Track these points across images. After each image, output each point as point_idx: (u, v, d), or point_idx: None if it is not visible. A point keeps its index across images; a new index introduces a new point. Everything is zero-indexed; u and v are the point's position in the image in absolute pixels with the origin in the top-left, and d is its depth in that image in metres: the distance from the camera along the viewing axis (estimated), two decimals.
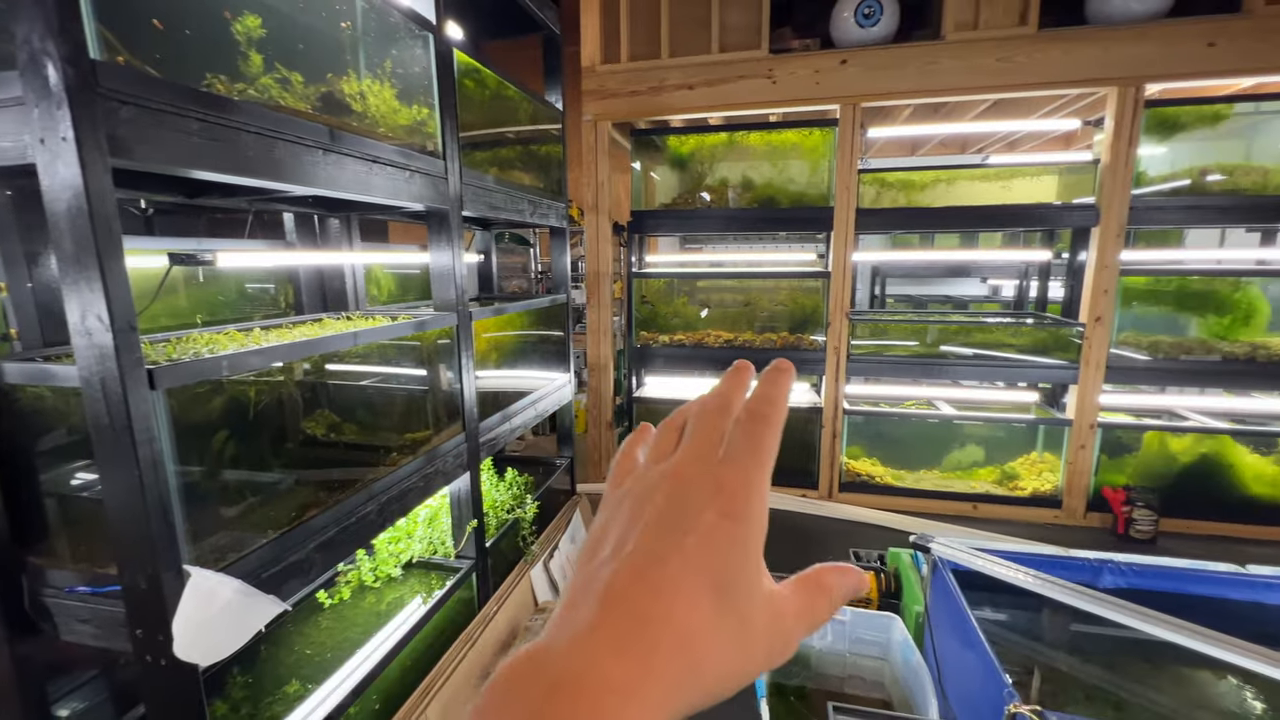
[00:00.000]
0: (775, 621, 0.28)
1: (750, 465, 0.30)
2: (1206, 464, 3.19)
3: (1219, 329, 3.19)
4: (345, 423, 1.43)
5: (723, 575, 0.27)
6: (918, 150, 5.66)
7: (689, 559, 0.27)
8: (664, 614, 0.25)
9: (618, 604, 0.26)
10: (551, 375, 2.71)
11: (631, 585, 0.26)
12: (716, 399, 0.34)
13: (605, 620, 0.25)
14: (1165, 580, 1.74)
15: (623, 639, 0.25)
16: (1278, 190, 3.02)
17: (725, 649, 0.26)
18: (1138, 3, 2.85)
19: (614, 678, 0.23)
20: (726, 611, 0.26)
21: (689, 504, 0.28)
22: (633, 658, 0.24)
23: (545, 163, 2.62)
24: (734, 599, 0.27)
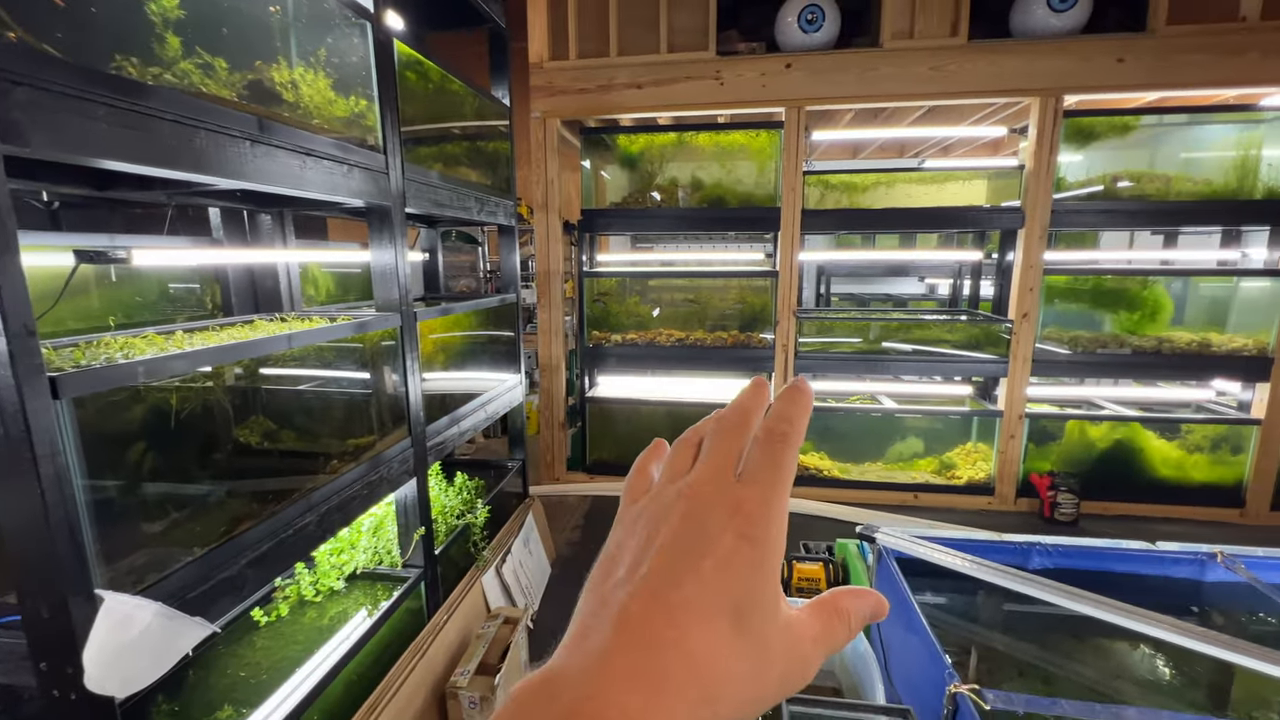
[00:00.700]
0: (793, 647, 0.27)
1: (769, 486, 0.29)
2: (1120, 449, 3.44)
3: (1129, 324, 3.45)
4: (282, 430, 1.36)
5: (740, 600, 0.26)
6: (859, 154, 5.86)
7: (706, 583, 0.26)
8: (678, 640, 0.25)
9: (632, 630, 0.25)
10: (501, 376, 2.66)
11: (646, 610, 0.26)
12: (734, 415, 0.33)
13: (619, 647, 0.25)
14: (1086, 559, 1.85)
15: (636, 667, 0.24)
16: (1178, 196, 3.28)
17: (742, 676, 0.25)
18: (1056, 19, 3.04)
19: (628, 708, 0.23)
20: (744, 637, 0.26)
21: (706, 525, 0.28)
22: (646, 687, 0.24)
23: (492, 159, 2.56)
24: (751, 624, 0.26)
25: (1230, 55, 2.93)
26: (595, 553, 1.23)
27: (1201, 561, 1.74)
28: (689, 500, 0.29)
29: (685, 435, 0.34)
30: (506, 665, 1.75)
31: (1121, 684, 1.56)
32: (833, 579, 2.38)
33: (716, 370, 3.93)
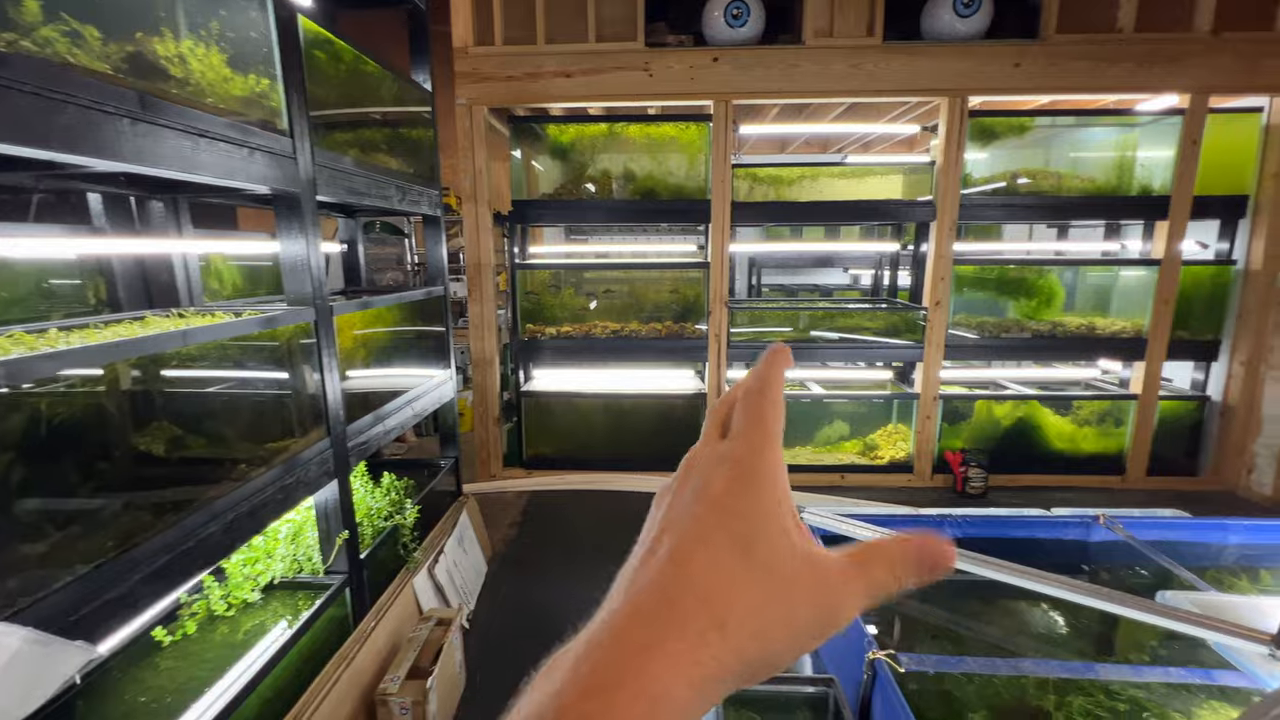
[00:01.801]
0: (820, 583, 0.26)
1: (753, 434, 0.30)
2: (1022, 426, 3.73)
3: (1028, 310, 3.74)
4: (186, 435, 1.26)
5: (740, 533, 0.26)
6: (787, 148, 6.03)
7: (702, 522, 0.27)
8: (679, 575, 0.25)
9: (638, 581, 0.26)
10: (430, 373, 2.57)
11: (648, 562, 0.27)
12: (730, 389, 0.34)
13: (626, 596, 0.26)
14: (991, 528, 2.00)
15: (642, 607, 0.25)
16: (1068, 192, 3.58)
17: (754, 603, 0.25)
18: (961, 24, 3.23)
19: (634, 640, 0.24)
20: (751, 567, 0.25)
21: (700, 482, 0.29)
22: (653, 620, 0.24)
23: (414, 147, 2.46)
24: (758, 554, 0.26)
25: (1109, 63, 3.22)
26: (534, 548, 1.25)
27: (1087, 524, 1.91)
28: (685, 469, 0.31)
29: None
30: (439, 667, 1.70)
31: (1022, 639, 1.70)
32: None
33: (652, 361, 3.96)
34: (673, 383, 4.01)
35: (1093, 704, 1.20)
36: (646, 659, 0.23)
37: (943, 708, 1.24)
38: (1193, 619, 1.28)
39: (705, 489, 0.28)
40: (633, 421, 3.88)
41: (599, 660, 0.24)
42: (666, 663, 0.23)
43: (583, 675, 0.23)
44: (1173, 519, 1.93)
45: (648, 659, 0.23)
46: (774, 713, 1.36)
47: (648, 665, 0.23)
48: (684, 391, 3.85)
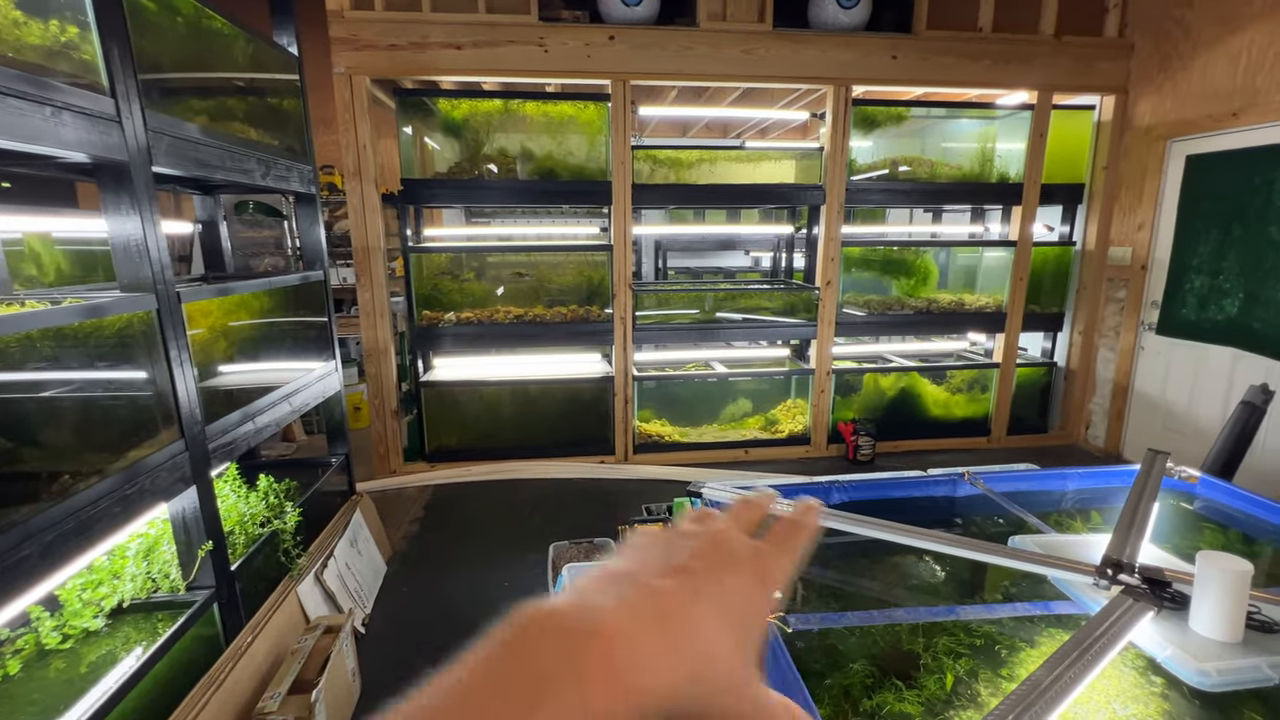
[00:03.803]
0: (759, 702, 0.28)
1: (783, 559, 0.32)
2: (905, 396, 4.04)
3: (908, 289, 4.04)
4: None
5: (744, 625, 0.28)
6: (688, 132, 6.11)
7: (726, 594, 0.28)
8: (696, 623, 0.26)
9: (658, 597, 0.26)
10: (310, 365, 2.37)
11: (674, 589, 0.27)
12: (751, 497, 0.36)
13: (644, 602, 0.26)
14: (875, 490, 2.14)
15: (658, 622, 0.25)
16: (941, 179, 3.88)
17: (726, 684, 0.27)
18: (844, 15, 3.39)
19: (643, 646, 0.24)
20: (740, 650, 0.27)
21: (733, 554, 0.30)
22: (669, 641, 0.25)
23: (280, 117, 2.24)
24: (745, 649, 0.28)
25: (971, 60, 3.50)
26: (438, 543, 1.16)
27: (954, 481, 2.09)
28: (713, 537, 0.31)
29: None
30: (327, 677, 1.59)
31: (899, 591, 1.84)
32: None
33: (558, 345, 3.90)
34: (580, 367, 3.97)
35: (954, 642, 1.32)
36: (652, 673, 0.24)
37: (827, 660, 1.31)
38: (1035, 558, 1.43)
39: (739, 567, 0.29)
40: (540, 407, 3.81)
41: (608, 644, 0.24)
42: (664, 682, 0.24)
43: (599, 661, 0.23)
44: (1023, 472, 2.15)
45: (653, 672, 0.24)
46: None
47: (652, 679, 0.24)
48: (591, 375, 3.83)
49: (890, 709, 1.14)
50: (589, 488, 3.49)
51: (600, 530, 2.69)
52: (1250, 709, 1.10)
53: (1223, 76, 3.17)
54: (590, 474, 3.63)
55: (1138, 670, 1.19)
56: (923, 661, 1.26)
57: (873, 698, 1.17)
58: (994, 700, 1.11)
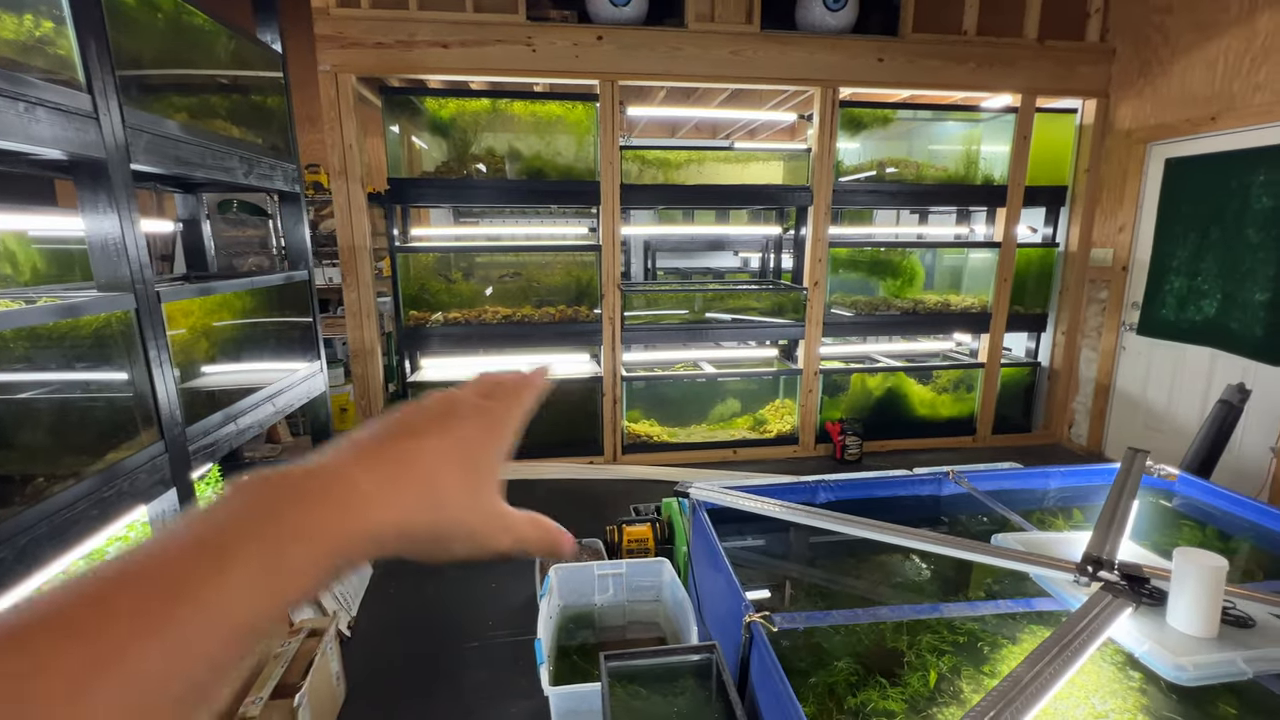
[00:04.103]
0: (498, 519, 0.34)
1: (512, 405, 0.36)
2: (891, 395, 4.07)
3: (895, 289, 4.07)
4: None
5: (471, 459, 0.33)
6: (677, 133, 6.11)
7: (447, 436, 0.32)
8: (417, 460, 0.30)
9: (381, 443, 0.30)
10: (294, 365, 2.35)
11: (396, 437, 0.31)
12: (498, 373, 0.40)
13: (366, 450, 0.30)
14: (861, 489, 2.16)
15: (376, 462, 0.29)
16: (927, 180, 3.92)
17: (464, 505, 0.32)
18: (831, 17, 3.41)
19: (360, 483, 0.28)
20: (468, 483, 0.32)
21: (456, 408, 0.34)
22: (381, 475, 0.29)
23: (264, 115, 2.21)
24: (476, 479, 0.33)
25: (956, 63, 3.54)
26: None
27: (939, 480, 2.11)
28: (444, 400, 0.35)
29: None
30: (310, 680, 1.58)
31: (884, 589, 1.85)
32: (660, 537, 2.51)
33: (546, 346, 3.89)
34: (569, 367, 3.96)
35: (938, 640, 1.33)
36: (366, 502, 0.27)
37: (812, 659, 1.32)
38: (1017, 556, 1.45)
39: (462, 422, 0.34)
40: None
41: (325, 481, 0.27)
42: (382, 509, 0.28)
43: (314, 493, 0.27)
44: (1007, 470, 2.18)
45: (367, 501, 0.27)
46: (660, 684, 1.38)
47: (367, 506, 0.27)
48: (580, 375, 3.82)
49: (874, 706, 1.15)
50: (577, 488, 3.48)
51: (589, 531, 2.69)
52: (1225, 703, 1.12)
53: (1200, 81, 3.22)
54: (579, 474, 3.62)
55: (1116, 665, 1.21)
56: (907, 659, 1.27)
57: (857, 695, 1.18)
58: (976, 697, 1.12)
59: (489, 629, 2.25)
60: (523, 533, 0.35)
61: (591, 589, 1.99)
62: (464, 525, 0.32)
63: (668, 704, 1.31)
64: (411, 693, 1.94)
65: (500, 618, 2.32)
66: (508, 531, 0.34)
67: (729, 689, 1.25)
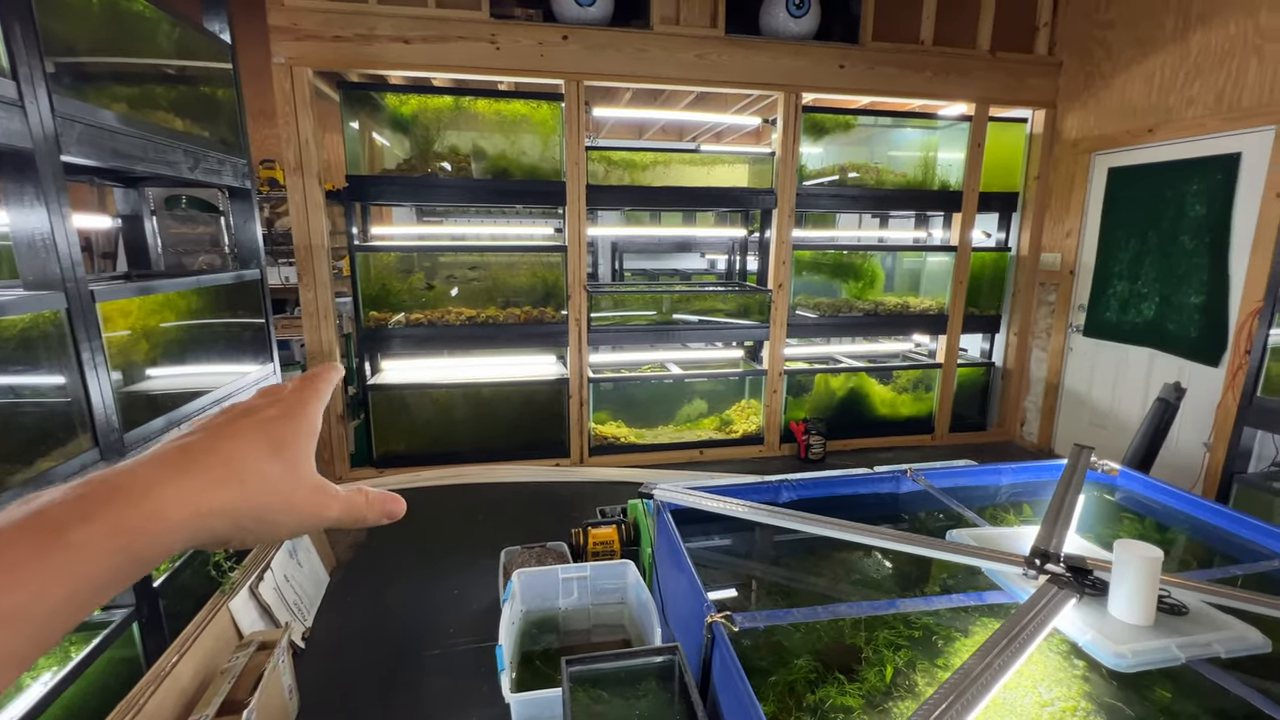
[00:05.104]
0: (319, 490, 0.36)
1: (304, 391, 0.39)
2: (853, 395, 4.16)
3: (856, 291, 4.16)
4: None
5: (275, 440, 0.34)
6: (644, 134, 6.12)
7: (251, 426, 0.34)
8: (215, 447, 0.32)
9: (168, 444, 0.32)
10: (245, 368, 2.26)
11: (183, 435, 0.33)
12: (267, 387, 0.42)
13: (163, 452, 0.31)
14: (823, 488, 2.19)
15: (163, 456, 0.31)
16: (887, 185, 4.01)
17: (273, 475, 0.33)
18: (794, 24, 3.46)
19: (151, 476, 0.29)
20: (277, 460, 0.34)
21: (252, 405, 0.37)
22: (174, 465, 0.30)
23: (211, 107, 2.12)
24: (284, 455, 0.34)
25: (914, 71, 3.64)
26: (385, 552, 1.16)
27: (898, 479, 2.16)
28: (241, 406, 0.37)
29: None
30: (259, 697, 1.51)
31: (845, 586, 1.88)
32: (625, 539, 2.50)
33: (511, 347, 3.84)
34: (534, 369, 3.92)
35: (894, 635, 1.36)
36: (157, 488, 0.29)
37: (773, 657, 1.33)
38: (970, 551, 1.49)
39: (257, 412, 0.36)
40: (493, 410, 3.75)
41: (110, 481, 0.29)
42: (176, 493, 0.29)
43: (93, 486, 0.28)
44: (962, 468, 2.24)
45: (158, 488, 0.29)
46: (622, 687, 1.37)
47: (159, 491, 0.29)
48: (546, 377, 3.79)
49: (832, 703, 1.16)
50: (543, 491, 3.44)
51: (555, 534, 2.66)
52: (1161, 687, 1.17)
53: (1139, 95, 3.39)
54: (545, 477, 3.59)
55: (1061, 655, 1.25)
56: (864, 655, 1.29)
57: (816, 692, 1.19)
58: (930, 689, 1.15)
59: (450, 636, 2.20)
60: (351, 502, 0.37)
61: (556, 593, 1.97)
62: (277, 497, 0.33)
63: (629, 707, 1.30)
64: (368, 704, 1.88)
65: (462, 624, 2.27)
66: (334, 501, 0.36)
67: (691, 690, 1.25)
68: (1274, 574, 1.49)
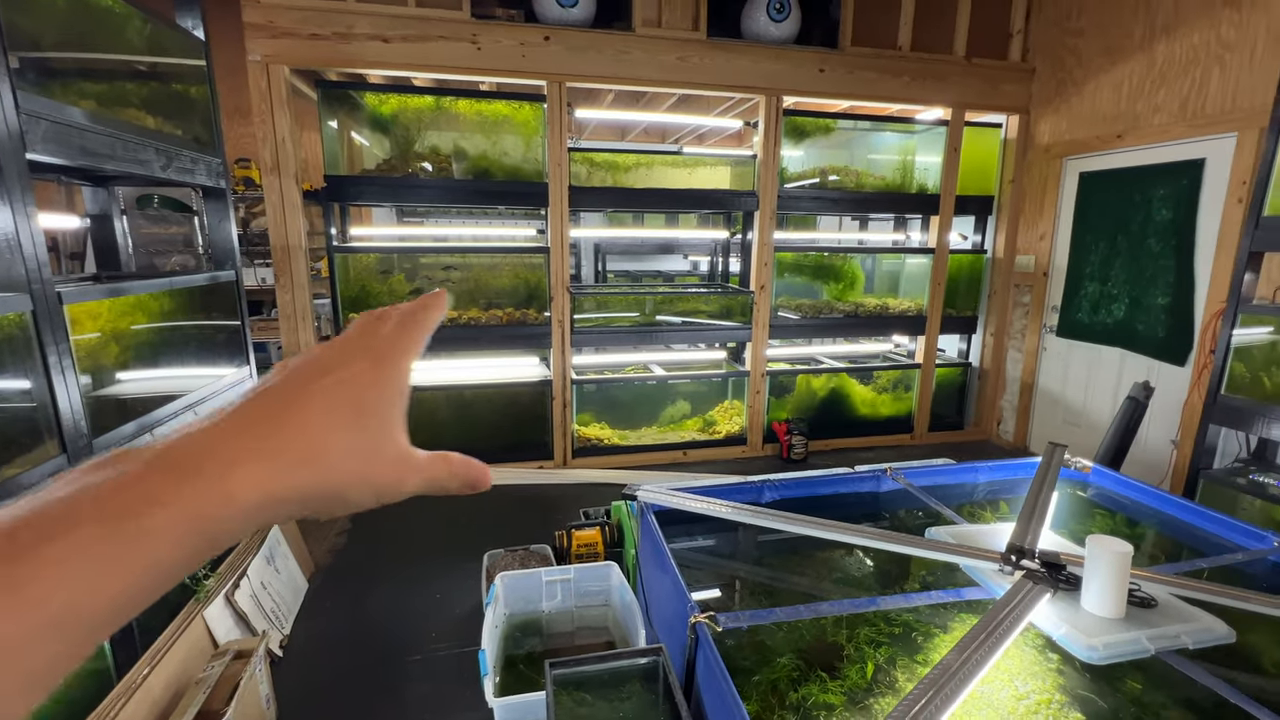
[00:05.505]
0: (400, 462, 0.32)
1: (402, 338, 0.34)
2: (835, 396, 4.20)
3: (837, 293, 4.21)
4: None
5: (362, 407, 0.30)
6: (627, 136, 6.13)
7: (324, 381, 0.30)
8: (294, 413, 0.28)
9: (246, 406, 0.28)
10: (220, 371, 2.22)
11: (261, 394, 0.29)
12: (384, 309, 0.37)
13: (230, 417, 0.28)
14: (804, 488, 2.21)
15: (242, 425, 0.27)
16: (867, 188, 4.07)
17: (354, 455, 0.30)
18: (775, 28, 3.49)
19: (230, 453, 0.26)
20: (360, 432, 0.30)
21: (344, 351, 0.32)
22: (254, 438, 0.27)
23: (184, 105, 2.08)
24: (369, 425, 0.30)
25: (892, 76, 3.69)
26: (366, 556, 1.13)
27: (878, 477, 2.19)
28: (330, 344, 0.33)
29: None
30: (235, 707, 1.48)
31: (827, 584, 1.90)
32: (609, 540, 2.50)
33: (494, 349, 3.82)
34: (517, 370, 3.90)
35: (875, 632, 1.38)
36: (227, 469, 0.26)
37: (756, 657, 1.34)
38: (948, 548, 1.51)
39: (348, 361, 0.32)
40: (476, 412, 3.72)
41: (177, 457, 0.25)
42: (248, 474, 0.26)
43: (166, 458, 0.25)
44: (940, 467, 2.28)
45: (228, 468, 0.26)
46: (606, 689, 1.37)
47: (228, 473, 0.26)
48: (529, 379, 3.77)
49: (815, 700, 1.18)
50: (527, 493, 3.43)
51: (538, 537, 2.65)
52: (1132, 679, 1.20)
53: (1109, 101, 3.48)
54: (528, 479, 3.57)
55: (1036, 648, 1.28)
56: (846, 652, 1.31)
57: (798, 690, 1.20)
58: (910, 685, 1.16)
59: (432, 641, 2.18)
60: (433, 472, 0.34)
61: (539, 596, 1.96)
62: (356, 475, 0.30)
63: (614, 709, 1.30)
64: (349, 712, 1.85)
65: (444, 629, 2.25)
66: (415, 473, 0.33)
67: (675, 691, 1.25)
68: (1238, 567, 1.54)
